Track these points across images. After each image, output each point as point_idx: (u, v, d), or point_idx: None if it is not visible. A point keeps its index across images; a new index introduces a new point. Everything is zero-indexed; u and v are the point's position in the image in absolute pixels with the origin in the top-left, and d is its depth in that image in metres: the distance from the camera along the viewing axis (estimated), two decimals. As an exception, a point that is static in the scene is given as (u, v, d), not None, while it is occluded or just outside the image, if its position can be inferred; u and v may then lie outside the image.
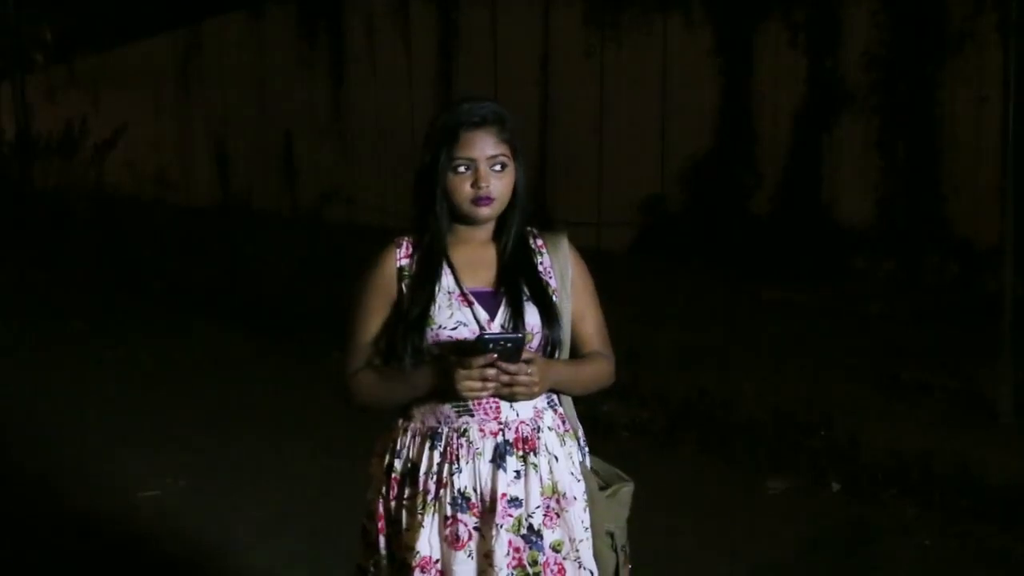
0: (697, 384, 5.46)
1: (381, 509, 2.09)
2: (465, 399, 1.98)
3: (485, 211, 2.02)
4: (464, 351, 1.94)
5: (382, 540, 2.08)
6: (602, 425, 5.11)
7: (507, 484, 2.00)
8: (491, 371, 1.90)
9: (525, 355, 1.93)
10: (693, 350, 6.25)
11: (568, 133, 10.12)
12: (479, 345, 1.89)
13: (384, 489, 2.08)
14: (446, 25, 11.72)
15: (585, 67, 9.88)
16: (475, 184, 1.99)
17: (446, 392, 1.97)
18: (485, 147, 1.99)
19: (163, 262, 11.19)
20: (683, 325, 6.87)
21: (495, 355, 1.89)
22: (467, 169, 1.99)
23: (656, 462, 4.66)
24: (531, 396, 1.99)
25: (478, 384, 1.91)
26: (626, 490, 2.17)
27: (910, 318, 6.70)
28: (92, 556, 3.89)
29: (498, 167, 2.01)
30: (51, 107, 21.31)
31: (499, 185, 2.01)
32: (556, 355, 2.07)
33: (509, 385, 1.93)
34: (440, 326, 1.99)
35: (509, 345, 1.89)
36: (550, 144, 10.34)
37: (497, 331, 1.98)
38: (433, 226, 2.04)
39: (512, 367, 1.90)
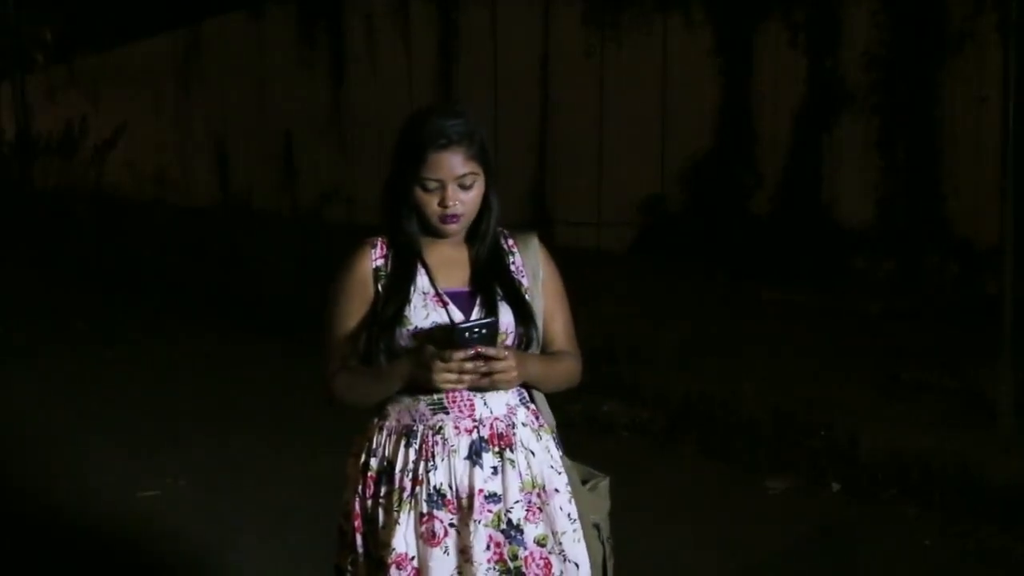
0: (697, 384, 5.46)
1: (357, 508, 2.10)
2: (441, 391, 1.99)
3: (452, 227, 2.05)
4: (438, 341, 1.96)
5: (359, 539, 2.10)
6: (602, 425, 5.12)
7: (484, 480, 2.01)
8: (469, 364, 1.91)
9: (501, 349, 1.95)
10: (693, 350, 6.24)
11: (568, 133, 10.12)
12: (454, 335, 1.90)
13: (360, 488, 2.10)
14: (446, 25, 11.71)
15: (585, 67, 9.87)
16: (442, 203, 2.01)
17: (422, 384, 1.98)
18: (453, 167, 2.00)
19: (163, 262, 11.19)
20: (683, 325, 6.87)
21: (472, 349, 1.90)
22: (435, 188, 2.01)
23: (656, 462, 4.66)
24: (509, 384, 2.00)
25: (455, 376, 1.93)
26: (604, 484, 2.20)
27: (910, 318, 6.69)
28: (92, 556, 3.89)
29: (467, 183, 2.02)
30: (51, 107, 21.30)
31: (467, 199, 2.03)
32: (531, 352, 2.09)
33: (487, 374, 1.94)
34: (415, 327, 2.01)
35: (484, 331, 1.91)
36: (550, 144, 10.34)
37: (470, 319, 1.99)
38: (404, 231, 2.07)
39: (491, 351, 1.91)
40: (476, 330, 1.90)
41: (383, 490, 2.06)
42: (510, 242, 2.16)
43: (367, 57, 13.02)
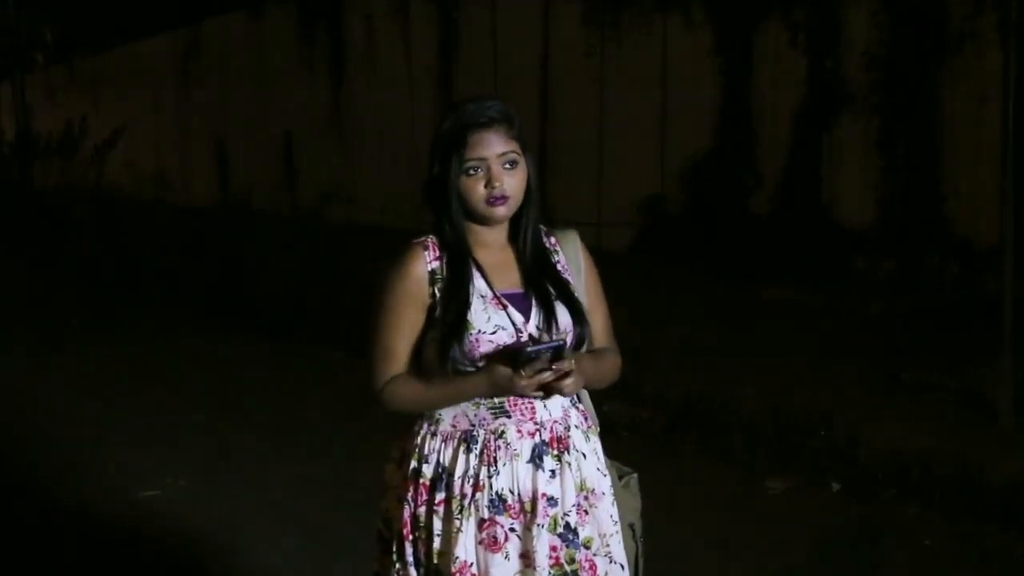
0: (697, 384, 5.45)
1: (405, 516, 2.05)
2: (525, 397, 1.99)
3: (501, 210, 2.01)
4: (507, 359, 1.94)
5: (407, 547, 2.05)
6: (602, 425, 5.11)
7: (545, 483, 2.00)
8: (547, 374, 1.90)
9: (569, 360, 1.94)
10: (693, 350, 6.25)
11: (568, 133, 10.12)
12: (524, 356, 1.89)
13: (410, 495, 2.05)
14: (446, 25, 11.71)
15: (585, 67, 9.87)
16: (488, 184, 1.98)
17: (501, 393, 1.98)
18: (495, 146, 1.97)
19: (163, 262, 11.19)
20: (683, 325, 6.87)
21: (548, 359, 1.90)
22: (479, 170, 1.98)
23: (656, 462, 4.65)
24: (575, 390, 2.00)
25: (535, 385, 1.92)
26: (634, 480, 2.21)
27: (910, 318, 6.69)
28: (92, 556, 3.89)
29: (509, 165, 1.99)
30: (51, 107, 21.30)
31: (512, 183, 2.00)
32: (583, 351, 2.08)
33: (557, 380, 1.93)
34: (479, 331, 1.98)
35: (551, 354, 1.90)
36: (550, 144, 10.33)
37: (537, 343, 1.97)
38: (454, 230, 2.03)
39: (564, 364, 1.91)
40: (545, 352, 1.90)
41: (438, 497, 2.02)
42: (552, 240, 2.14)
43: (367, 57, 13.02)
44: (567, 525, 2.00)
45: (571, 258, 2.13)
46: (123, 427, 5.50)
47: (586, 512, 2.03)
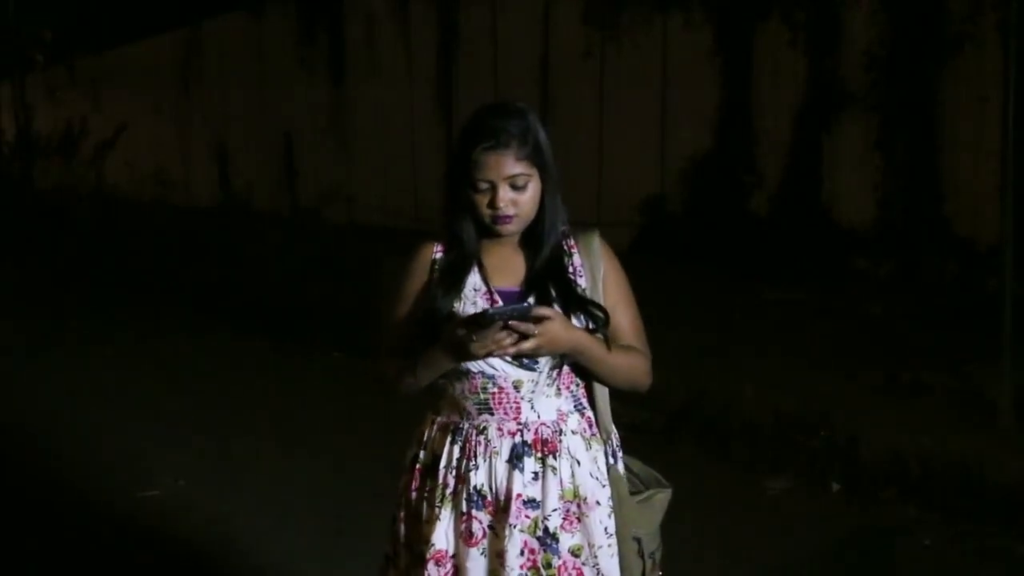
0: (697, 384, 5.45)
1: (404, 499, 2.11)
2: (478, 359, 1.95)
3: (507, 228, 2.01)
4: (471, 324, 1.92)
5: (402, 529, 2.11)
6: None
7: (523, 485, 1.99)
8: (502, 334, 1.87)
9: (546, 311, 1.90)
10: (693, 350, 6.24)
11: (568, 133, 10.11)
12: (484, 319, 1.87)
13: (407, 479, 2.11)
14: (446, 25, 11.72)
15: (585, 67, 9.88)
16: (492, 204, 1.98)
17: (461, 356, 1.94)
18: (503, 168, 1.96)
19: (163, 262, 11.19)
20: (683, 325, 6.86)
21: (502, 324, 1.87)
22: (486, 188, 1.98)
23: (656, 462, 4.66)
24: (528, 352, 1.93)
25: (493, 347, 1.88)
26: (662, 496, 2.19)
27: (910, 318, 6.69)
28: (92, 555, 3.89)
29: (519, 184, 1.98)
30: (51, 107, 21.30)
31: (521, 200, 1.99)
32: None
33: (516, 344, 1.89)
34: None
35: (516, 314, 1.87)
36: (550, 144, 10.33)
37: (502, 306, 1.96)
38: (458, 233, 2.05)
39: (521, 326, 1.87)
40: (507, 314, 1.87)
41: (428, 484, 2.06)
42: (570, 242, 2.12)
43: (367, 57, 13.03)
44: (546, 529, 1.99)
45: (586, 260, 2.10)
46: (123, 427, 5.50)
47: (577, 519, 2.02)
